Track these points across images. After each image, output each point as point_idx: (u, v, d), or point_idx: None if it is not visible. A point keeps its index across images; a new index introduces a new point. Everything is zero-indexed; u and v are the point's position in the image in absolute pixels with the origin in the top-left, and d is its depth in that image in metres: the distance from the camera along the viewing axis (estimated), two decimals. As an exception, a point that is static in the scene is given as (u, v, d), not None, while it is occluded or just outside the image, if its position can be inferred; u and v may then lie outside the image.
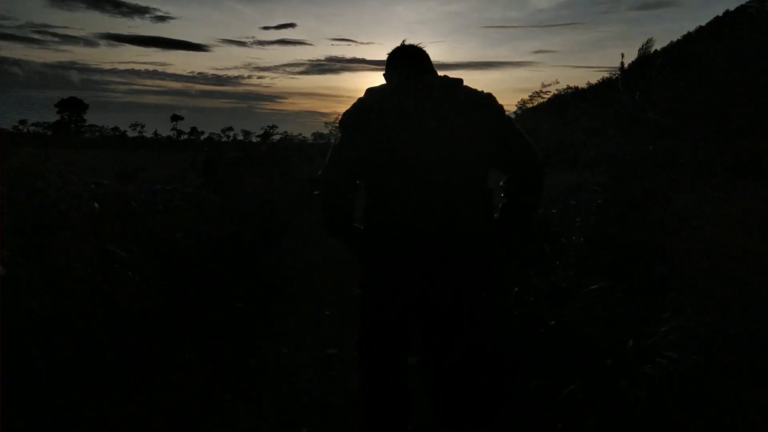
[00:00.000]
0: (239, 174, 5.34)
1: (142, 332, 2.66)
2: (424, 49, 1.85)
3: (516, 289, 2.52)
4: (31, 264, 2.47)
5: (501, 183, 1.84)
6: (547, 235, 3.47)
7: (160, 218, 3.47)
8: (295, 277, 4.69)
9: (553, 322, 2.16)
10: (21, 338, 2.17)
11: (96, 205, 3.09)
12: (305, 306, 4.00)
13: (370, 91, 1.79)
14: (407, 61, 1.81)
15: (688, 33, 60.89)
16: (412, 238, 1.66)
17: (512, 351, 2.20)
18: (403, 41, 1.88)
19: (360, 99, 1.79)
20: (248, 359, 3.02)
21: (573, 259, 2.98)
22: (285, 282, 4.49)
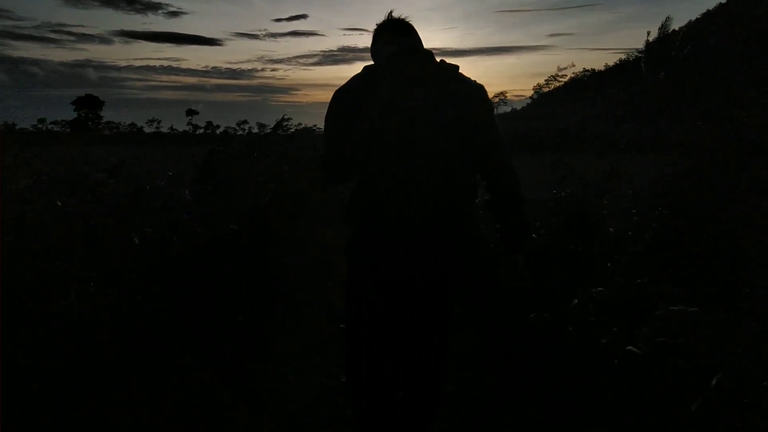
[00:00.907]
0: (245, 168, 5.04)
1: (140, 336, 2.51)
2: (410, 22, 1.81)
3: (576, 300, 2.08)
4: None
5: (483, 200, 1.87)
6: (587, 228, 2.97)
7: (147, 220, 3.19)
8: (302, 279, 4.29)
9: (631, 348, 1.65)
10: (20, 338, 2.15)
11: (59, 203, 2.90)
12: (313, 316, 3.62)
13: (367, 69, 1.76)
14: (398, 37, 1.77)
15: (707, 11, 58.99)
16: (400, 228, 1.65)
17: (570, 383, 1.84)
18: (390, 12, 1.82)
19: (356, 76, 1.75)
20: (243, 391, 2.60)
21: (631, 260, 2.44)
22: (292, 285, 4.10)
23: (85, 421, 2.10)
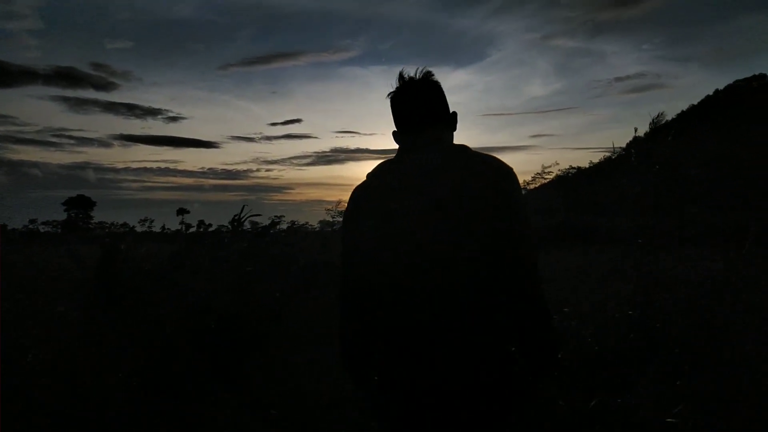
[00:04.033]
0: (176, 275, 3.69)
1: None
2: (435, 82, 1.55)
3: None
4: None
5: None
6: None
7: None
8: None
9: None
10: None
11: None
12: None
13: (369, 177, 1.59)
14: (414, 123, 1.54)
15: (682, 111, 62.52)
16: (413, 363, 1.38)
17: None
18: (404, 77, 1.56)
19: (368, 174, 1.59)
20: None
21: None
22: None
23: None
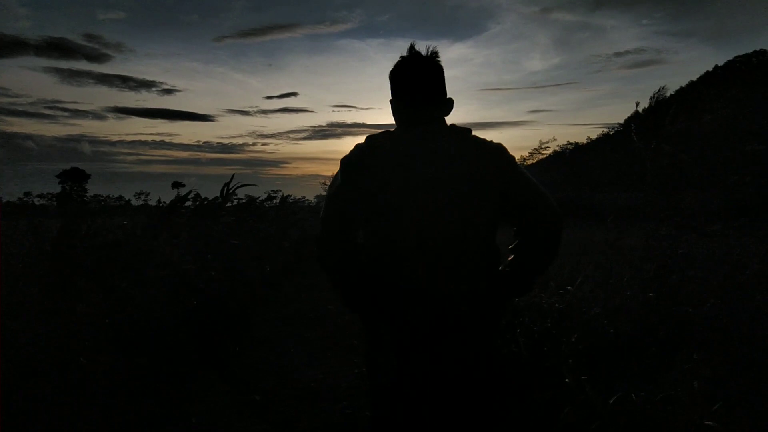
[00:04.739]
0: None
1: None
2: (441, 65, 1.61)
3: None
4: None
5: (510, 246, 1.66)
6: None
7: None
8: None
9: None
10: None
11: None
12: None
13: (371, 139, 1.62)
14: (418, 101, 1.59)
15: (681, 87, 61.84)
16: (413, 304, 1.52)
17: None
18: (414, 50, 1.60)
19: (358, 145, 1.61)
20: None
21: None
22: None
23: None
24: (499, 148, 1.59)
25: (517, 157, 2.04)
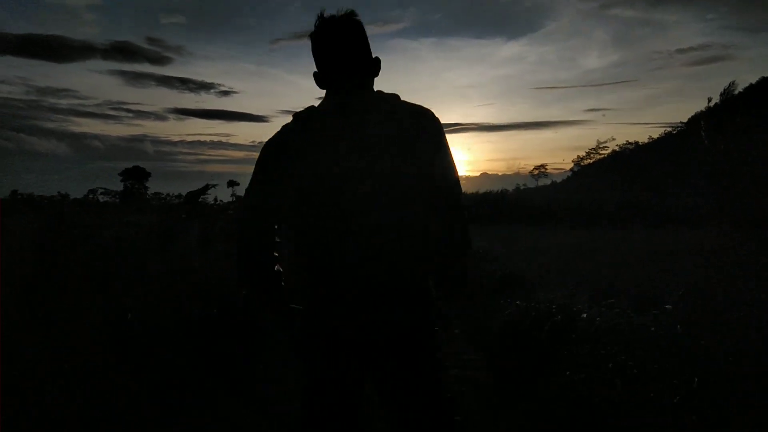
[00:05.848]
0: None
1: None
2: (359, 21, 1.52)
3: None
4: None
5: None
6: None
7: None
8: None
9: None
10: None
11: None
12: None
13: (297, 118, 1.55)
14: (342, 67, 1.52)
15: (750, 84, 57.86)
16: (347, 286, 1.46)
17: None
18: (324, 16, 1.51)
19: (286, 125, 1.56)
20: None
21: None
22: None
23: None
24: (429, 112, 1.54)
25: (573, 156, 1.98)
